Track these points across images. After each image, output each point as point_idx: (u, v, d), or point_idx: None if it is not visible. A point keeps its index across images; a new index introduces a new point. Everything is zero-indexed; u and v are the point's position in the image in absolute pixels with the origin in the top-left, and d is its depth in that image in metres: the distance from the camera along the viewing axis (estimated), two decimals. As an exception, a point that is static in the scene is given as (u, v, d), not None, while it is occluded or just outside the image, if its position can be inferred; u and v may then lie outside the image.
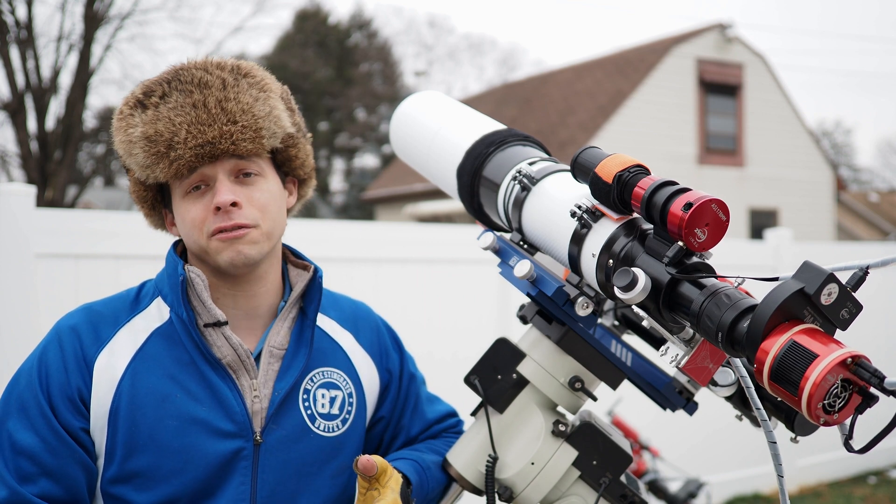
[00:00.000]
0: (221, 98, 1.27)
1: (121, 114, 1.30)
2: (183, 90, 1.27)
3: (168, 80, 1.29)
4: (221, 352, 1.29)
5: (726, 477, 5.56)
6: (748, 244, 6.30)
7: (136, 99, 1.29)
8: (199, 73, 1.29)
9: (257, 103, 1.30)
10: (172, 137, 1.24)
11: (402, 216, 18.86)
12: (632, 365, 1.35)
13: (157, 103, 1.27)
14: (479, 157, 1.38)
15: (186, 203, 1.29)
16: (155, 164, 1.26)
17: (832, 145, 45.30)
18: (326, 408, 1.36)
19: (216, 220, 1.26)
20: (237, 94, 1.28)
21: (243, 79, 1.31)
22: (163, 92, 1.27)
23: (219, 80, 1.29)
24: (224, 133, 1.25)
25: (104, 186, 37.78)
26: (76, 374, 1.24)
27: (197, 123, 1.25)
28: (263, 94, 1.32)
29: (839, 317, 0.81)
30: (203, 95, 1.26)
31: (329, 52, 32.97)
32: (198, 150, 1.24)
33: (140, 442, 1.23)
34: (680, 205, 0.93)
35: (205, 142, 1.24)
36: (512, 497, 1.28)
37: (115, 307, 1.33)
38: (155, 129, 1.25)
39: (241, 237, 1.27)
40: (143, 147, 1.25)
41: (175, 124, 1.24)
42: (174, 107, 1.26)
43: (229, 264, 1.28)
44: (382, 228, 4.57)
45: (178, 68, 1.31)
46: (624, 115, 15.76)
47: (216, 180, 1.27)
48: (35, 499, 1.18)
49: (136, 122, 1.27)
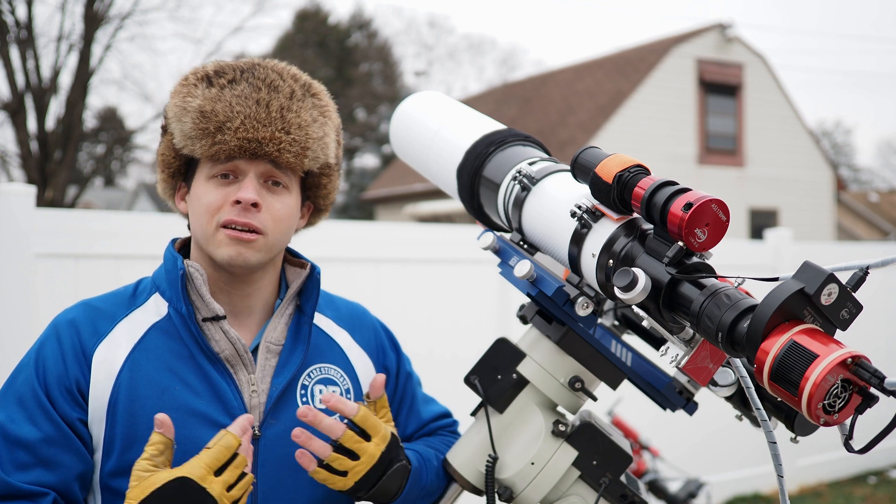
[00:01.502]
0: (285, 106, 1.29)
1: (185, 80, 1.31)
2: (253, 84, 1.29)
3: (243, 69, 1.31)
4: (219, 346, 1.30)
5: (726, 477, 5.56)
6: (748, 244, 6.30)
7: (206, 73, 1.31)
8: (272, 76, 1.32)
9: (315, 124, 1.33)
10: (225, 122, 1.26)
11: (402, 216, 18.87)
12: (632, 365, 1.35)
13: (223, 85, 1.28)
14: (479, 157, 1.38)
15: (209, 186, 1.30)
16: (198, 139, 1.27)
17: (832, 145, 45.31)
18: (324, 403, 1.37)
19: (231, 211, 1.27)
20: (300, 109, 1.31)
21: (310, 97, 1.35)
22: (233, 77, 1.29)
23: (289, 88, 1.31)
24: (274, 138, 1.27)
25: (104, 186, 37.83)
26: (74, 365, 1.25)
27: (254, 119, 1.27)
28: (322, 118, 1.35)
29: (839, 317, 0.81)
30: (269, 97, 1.29)
31: (329, 52, 32.96)
32: (244, 142, 1.26)
33: (139, 434, 1.23)
34: (680, 205, 0.93)
35: (253, 138, 1.26)
36: (512, 497, 1.28)
37: (113, 302, 1.34)
38: (213, 107, 1.26)
39: (248, 241, 1.28)
40: (194, 118, 1.27)
41: (233, 111, 1.26)
42: (238, 95, 1.28)
43: (227, 261, 1.28)
44: (382, 228, 4.57)
45: (257, 63, 1.33)
46: (624, 115, 15.76)
47: (246, 176, 1.29)
48: (25, 486, 1.18)
49: (197, 94, 1.28)
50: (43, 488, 1.19)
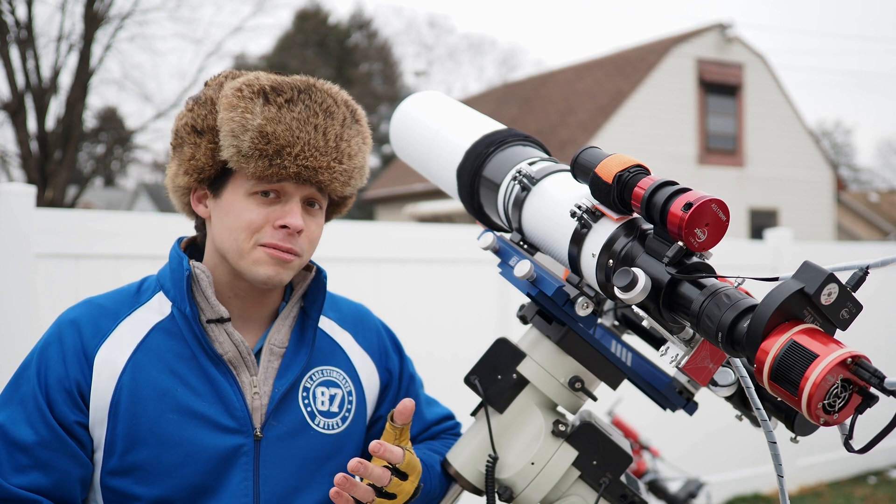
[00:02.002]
0: (339, 134, 1.30)
1: (240, 93, 1.26)
2: (310, 107, 1.28)
3: (300, 88, 1.29)
4: (223, 348, 1.30)
5: (726, 477, 5.56)
6: (748, 244, 6.30)
7: (262, 88, 1.26)
8: (329, 100, 1.30)
9: (360, 153, 1.34)
10: (286, 146, 1.24)
11: (402, 216, 18.86)
12: (632, 365, 1.35)
13: (281, 104, 1.26)
14: (479, 157, 1.38)
15: (250, 203, 1.28)
16: (255, 159, 1.24)
17: (832, 145, 45.30)
18: (326, 405, 1.38)
19: (275, 235, 1.27)
20: (350, 138, 1.32)
21: (355, 124, 1.35)
22: (291, 97, 1.27)
23: (342, 115, 1.31)
24: (329, 167, 1.28)
25: (104, 186, 37.83)
26: (75, 367, 1.25)
27: (314, 147, 1.26)
28: (365, 146, 1.37)
29: (839, 317, 0.81)
30: (326, 123, 1.28)
31: (329, 52, 32.95)
32: (301, 169, 1.25)
33: (141, 435, 1.24)
34: (680, 205, 0.93)
35: (312, 166, 1.26)
36: (512, 497, 1.28)
37: (117, 300, 1.34)
38: (274, 129, 1.24)
39: (287, 262, 1.29)
40: (253, 138, 1.24)
41: (294, 136, 1.25)
42: (297, 118, 1.26)
43: (264, 280, 1.29)
44: (383, 228, 4.57)
45: (312, 83, 1.31)
46: (624, 115, 15.76)
47: (291, 200, 1.29)
48: (19, 491, 1.19)
49: (256, 111, 1.24)
50: (37, 495, 1.20)
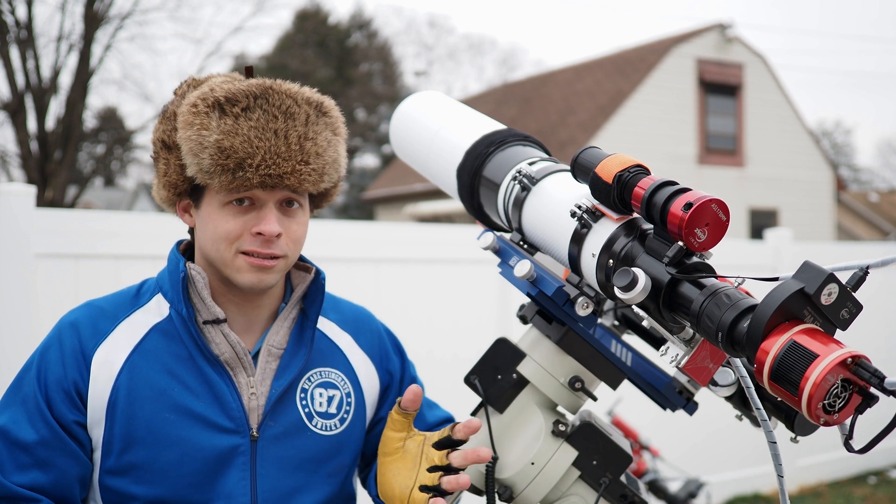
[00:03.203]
0: (302, 134, 1.27)
1: (195, 108, 1.25)
2: (268, 112, 1.25)
3: (255, 94, 1.26)
4: (220, 349, 1.30)
5: (726, 477, 5.56)
6: (748, 244, 6.30)
7: (217, 100, 1.24)
8: (287, 101, 1.27)
9: (330, 147, 1.31)
10: (246, 158, 1.23)
11: (402, 216, 18.86)
12: (632, 365, 1.35)
13: (237, 114, 1.24)
14: (478, 157, 1.38)
15: (225, 213, 1.27)
16: (218, 174, 1.23)
17: (832, 145, 45.29)
18: (324, 406, 1.38)
19: (253, 242, 1.27)
20: (315, 135, 1.29)
21: (323, 117, 1.32)
22: (247, 105, 1.24)
23: (304, 114, 1.28)
24: (295, 171, 1.26)
25: (104, 186, 37.83)
26: (73, 367, 1.26)
27: (274, 154, 1.24)
28: (336, 138, 1.34)
29: (839, 317, 0.81)
30: (286, 126, 1.25)
31: (329, 52, 32.94)
32: (265, 178, 1.24)
33: (137, 435, 1.25)
34: (680, 205, 0.93)
35: (276, 173, 1.24)
36: (512, 497, 1.28)
37: (116, 302, 1.35)
38: (231, 143, 1.22)
39: (269, 267, 1.29)
40: (212, 155, 1.23)
41: (252, 146, 1.23)
42: (255, 126, 1.23)
43: (248, 286, 1.29)
44: (383, 228, 4.57)
45: (268, 87, 1.27)
46: (624, 115, 15.76)
47: (265, 205, 1.28)
48: (20, 489, 1.21)
49: (212, 126, 1.23)
50: (36, 494, 1.22)
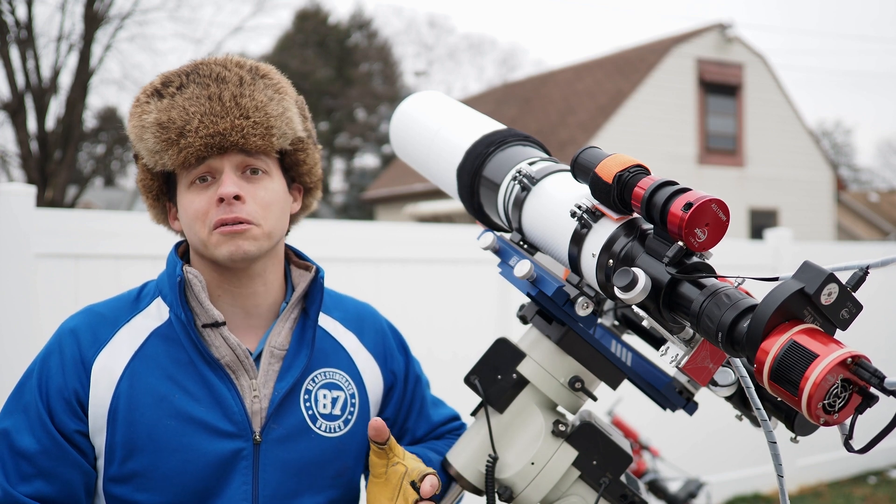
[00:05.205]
0: (237, 93, 1.29)
1: (137, 101, 1.32)
2: (200, 83, 1.29)
3: (187, 72, 1.31)
4: (220, 352, 1.29)
5: (726, 477, 5.56)
6: (748, 244, 6.30)
7: (154, 88, 1.31)
8: (217, 69, 1.31)
9: (271, 103, 1.32)
10: (185, 126, 1.26)
11: (402, 216, 18.86)
12: (632, 365, 1.34)
13: (173, 93, 1.29)
14: (478, 157, 1.38)
15: (191, 194, 1.29)
16: (164, 151, 1.27)
17: (832, 145, 45.29)
18: (328, 408, 1.36)
19: (218, 212, 1.27)
20: (252, 92, 1.30)
21: (260, 79, 1.34)
22: (180, 83, 1.29)
23: (236, 76, 1.31)
24: (235, 126, 1.27)
25: (104, 186, 37.82)
26: (73, 376, 1.25)
27: (210, 114, 1.26)
28: (278, 95, 1.34)
29: (839, 317, 0.81)
30: (219, 89, 1.29)
31: (329, 52, 32.95)
32: (208, 139, 1.26)
33: (139, 442, 1.24)
34: (680, 205, 0.93)
35: (216, 132, 1.26)
36: (512, 497, 1.28)
37: (116, 308, 1.34)
38: (168, 116, 1.27)
39: (241, 232, 1.27)
40: (154, 133, 1.27)
41: (188, 113, 1.26)
42: (189, 97, 1.28)
43: (227, 258, 1.28)
44: (383, 228, 4.57)
45: (198, 63, 1.33)
46: (624, 115, 15.76)
47: (222, 173, 1.28)
48: (26, 499, 1.20)
49: (150, 109, 1.28)
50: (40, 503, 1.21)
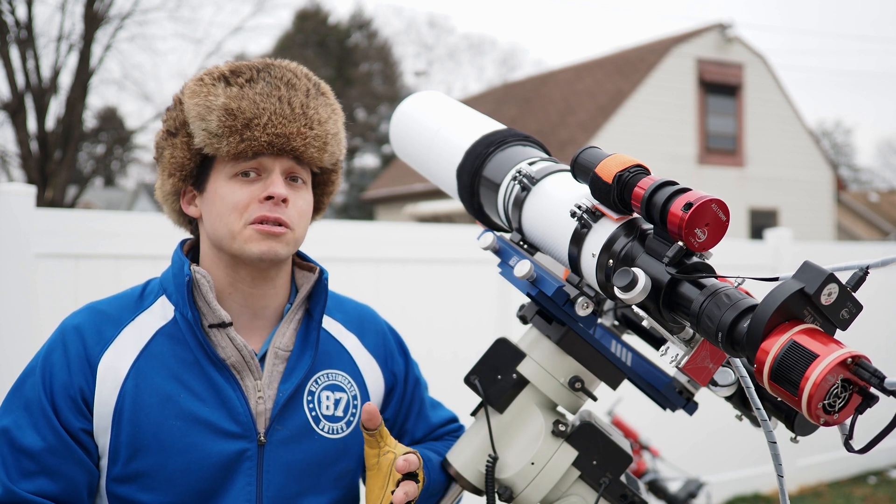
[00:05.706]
0: (305, 103, 1.31)
1: (200, 81, 1.31)
2: (271, 82, 1.30)
3: (258, 68, 1.32)
4: (226, 352, 1.29)
5: (726, 477, 5.56)
6: (748, 244, 6.30)
7: (222, 73, 1.31)
8: (288, 74, 1.34)
9: (330, 121, 1.36)
10: (253, 118, 1.27)
11: (402, 216, 18.86)
12: (632, 365, 1.34)
13: (242, 84, 1.29)
14: (478, 157, 1.38)
15: (232, 185, 1.29)
16: (225, 137, 1.27)
17: (832, 145, 45.29)
18: (331, 410, 1.37)
19: (262, 208, 1.28)
20: (317, 105, 1.34)
21: (321, 96, 1.37)
22: (250, 76, 1.30)
23: (304, 87, 1.34)
24: (300, 133, 1.29)
25: (104, 186, 37.84)
26: (79, 374, 1.25)
27: (279, 115, 1.28)
28: (335, 115, 1.38)
29: (839, 317, 0.81)
30: (289, 94, 1.31)
31: (329, 52, 32.94)
32: (273, 138, 1.27)
33: (144, 442, 1.23)
34: (680, 205, 0.93)
35: (282, 133, 1.28)
36: (512, 497, 1.28)
37: (120, 306, 1.33)
38: (238, 105, 1.27)
39: (278, 235, 1.29)
40: (220, 116, 1.27)
41: (259, 108, 1.27)
42: (260, 93, 1.29)
43: (257, 257, 1.29)
44: (382, 228, 4.57)
45: (269, 62, 1.35)
46: (624, 115, 15.75)
47: (272, 173, 1.30)
48: (29, 496, 1.19)
49: (218, 93, 1.28)
50: (44, 500, 1.20)
